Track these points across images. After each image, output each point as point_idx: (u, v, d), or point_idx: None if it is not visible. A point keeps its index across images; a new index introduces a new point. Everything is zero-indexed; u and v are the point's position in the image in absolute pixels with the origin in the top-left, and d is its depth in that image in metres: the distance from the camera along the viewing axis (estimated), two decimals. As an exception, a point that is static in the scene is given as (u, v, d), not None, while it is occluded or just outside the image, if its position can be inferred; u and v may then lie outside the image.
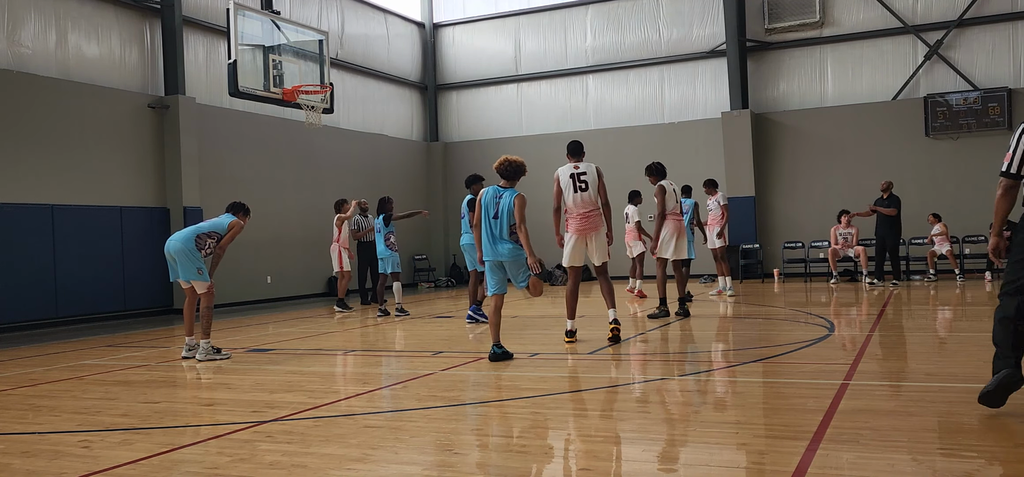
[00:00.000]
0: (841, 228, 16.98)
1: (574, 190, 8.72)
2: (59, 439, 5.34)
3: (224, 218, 9.12)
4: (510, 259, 7.87)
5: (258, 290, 17.43)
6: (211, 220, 9.21)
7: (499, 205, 7.89)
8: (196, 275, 8.74)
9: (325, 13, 19.98)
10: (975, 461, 4.13)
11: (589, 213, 8.71)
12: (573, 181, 8.74)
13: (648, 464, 4.44)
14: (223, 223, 9.02)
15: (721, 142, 20.08)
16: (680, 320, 10.96)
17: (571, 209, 8.75)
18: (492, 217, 7.89)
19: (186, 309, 9.03)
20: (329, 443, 4.98)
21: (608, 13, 21.82)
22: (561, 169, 8.82)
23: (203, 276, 8.79)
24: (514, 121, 22.97)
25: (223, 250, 9.03)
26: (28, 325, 13.35)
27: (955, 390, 5.95)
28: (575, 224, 8.74)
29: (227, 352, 9.08)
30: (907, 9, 19.02)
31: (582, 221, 8.71)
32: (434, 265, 23.04)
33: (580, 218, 8.72)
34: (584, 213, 8.72)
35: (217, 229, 8.97)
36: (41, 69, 14.11)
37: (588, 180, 8.73)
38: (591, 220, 8.70)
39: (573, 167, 8.83)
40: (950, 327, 10.11)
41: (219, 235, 8.95)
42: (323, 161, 19.52)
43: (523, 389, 6.60)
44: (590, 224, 8.69)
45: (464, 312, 12.46)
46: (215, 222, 9.08)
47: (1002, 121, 17.91)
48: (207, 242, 8.87)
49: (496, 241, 7.86)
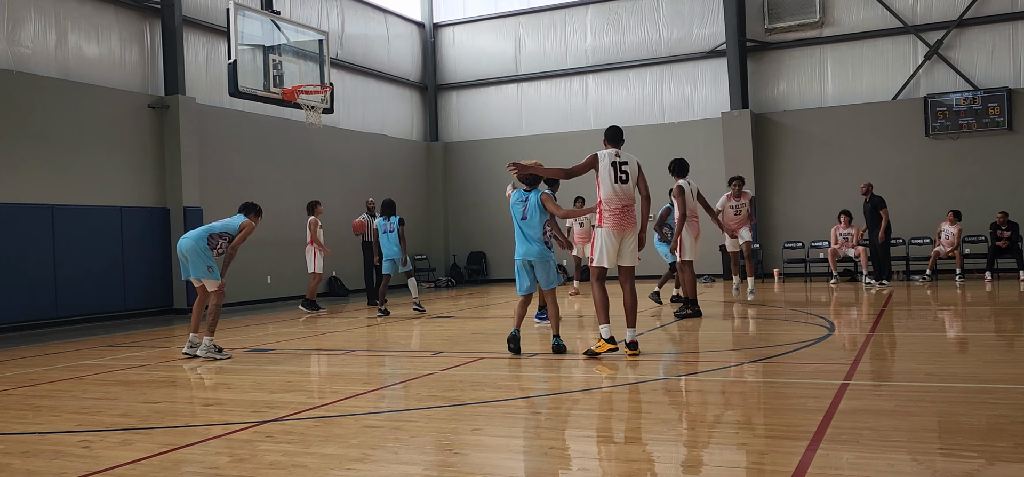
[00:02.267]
0: (841, 228, 16.98)
1: (615, 179, 7.77)
2: (59, 439, 5.34)
3: (236, 219, 9.22)
4: (539, 260, 8.19)
5: (258, 290, 17.43)
6: (223, 220, 9.29)
7: (526, 207, 8.23)
8: (206, 273, 8.83)
9: (325, 13, 19.98)
10: (975, 461, 4.13)
11: (628, 207, 7.84)
12: (614, 169, 7.79)
13: (648, 464, 4.44)
14: (235, 224, 9.12)
15: (721, 142, 20.07)
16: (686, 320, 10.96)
17: (610, 200, 7.76)
18: (520, 219, 8.25)
19: (195, 307, 9.08)
20: (329, 443, 4.98)
21: (608, 13, 21.82)
22: (601, 151, 7.91)
23: (214, 275, 8.87)
24: (514, 121, 22.97)
25: (235, 250, 9.14)
26: (28, 325, 13.35)
27: (955, 390, 5.95)
28: (613, 218, 7.77)
29: (228, 353, 9.08)
30: (907, 9, 19.02)
31: (622, 216, 7.78)
32: (434, 265, 23.03)
33: (619, 212, 7.78)
34: (624, 206, 7.81)
35: (228, 229, 9.08)
36: (41, 69, 14.10)
37: (629, 172, 7.86)
38: (630, 216, 7.84)
39: (614, 154, 7.89)
40: (950, 327, 10.11)
41: (231, 235, 9.04)
42: (323, 161, 19.52)
43: (523, 389, 6.61)
44: (629, 220, 7.82)
45: (465, 311, 12.45)
46: (227, 222, 9.18)
47: (1002, 121, 17.92)
48: (219, 242, 8.99)
49: (528, 241, 8.21)
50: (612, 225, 7.75)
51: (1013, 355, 7.72)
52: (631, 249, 7.86)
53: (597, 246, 7.83)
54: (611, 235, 7.77)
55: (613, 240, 7.77)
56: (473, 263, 23.28)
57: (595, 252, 7.85)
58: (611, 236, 7.77)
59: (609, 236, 7.78)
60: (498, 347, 9.03)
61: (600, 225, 7.81)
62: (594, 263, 7.84)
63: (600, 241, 7.81)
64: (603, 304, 7.80)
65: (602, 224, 7.79)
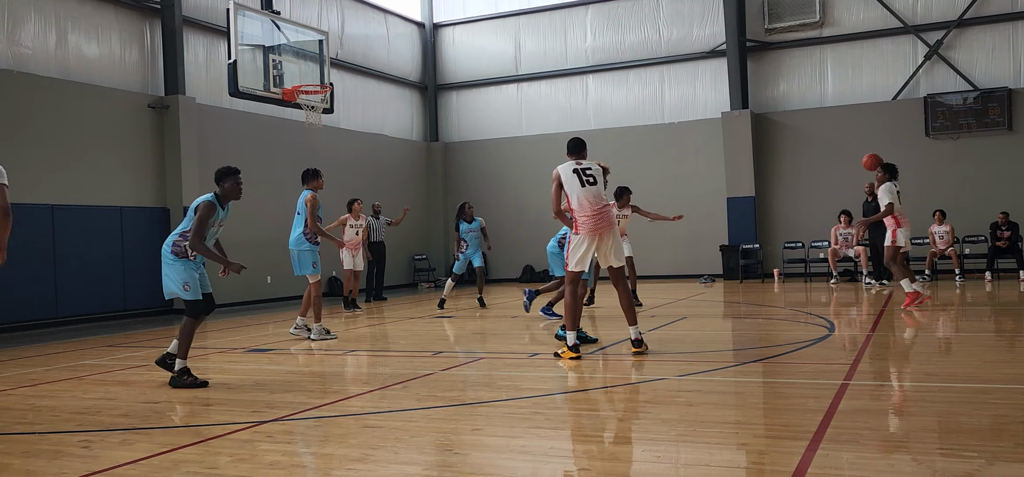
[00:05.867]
0: (841, 228, 16.98)
1: (581, 184, 7.80)
2: (59, 439, 5.34)
3: (300, 200, 10.26)
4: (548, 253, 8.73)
5: (258, 290, 17.42)
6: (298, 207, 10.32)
7: None
8: (311, 269, 10.16)
9: (325, 13, 19.98)
10: (975, 461, 4.13)
11: (602, 209, 7.83)
12: (577, 175, 7.85)
13: (648, 464, 4.44)
14: (301, 205, 10.21)
15: (721, 142, 20.09)
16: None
17: (582, 206, 7.79)
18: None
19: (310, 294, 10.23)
20: (329, 443, 4.97)
21: (608, 13, 21.82)
22: (560, 166, 7.98)
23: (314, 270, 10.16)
24: (514, 121, 22.97)
25: (317, 227, 10.17)
26: (28, 325, 13.35)
27: (955, 390, 5.95)
28: (589, 224, 7.79)
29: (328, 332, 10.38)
30: (907, 9, 19.02)
31: (596, 219, 7.76)
32: (434, 265, 23.03)
33: (593, 216, 7.77)
34: (597, 210, 7.79)
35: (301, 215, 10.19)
36: (41, 69, 14.10)
37: (594, 174, 7.92)
38: (606, 217, 7.82)
39: (575, 163, 7.99)
40: (950, 327, 10.11)
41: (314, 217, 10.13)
42: (323, 161, 19.41)
43: (523, 389, 6.60)
44: (605, 221, 7.81)
45: (465, 311, 12.45)
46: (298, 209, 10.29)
47: (1002, 121, 17.92)
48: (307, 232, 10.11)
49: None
50: (589, 230, 7.76)
51: (1013, 355, 7.72)
52: (616, 247, 7.86)
53: (572, 252, 7.86)
54: (587, 240, 7.78)
55: (590, 245, 7.79)
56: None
57: (570, 257, 7.88)
58: (587, 241, 7.78)
59: (584, 242, 7.79)
60: (498, 347, 9.04)
61: (576, 232, 7.84)
62: (570, 267, 7.87)
63: (576, 247, 7.83)
64: (574, 310, 7.87)
65: (578, 231, 7.82)
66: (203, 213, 7.04)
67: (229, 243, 9.01)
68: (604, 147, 20.24)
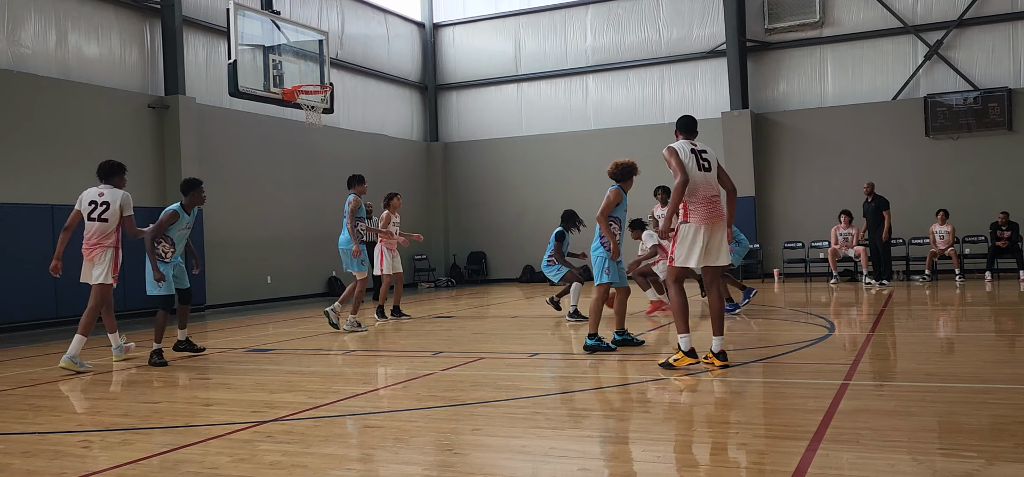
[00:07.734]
0: (841, 228, 16.98)
1: (698, 168, 6.86)
2: (59, 439, 5.34)
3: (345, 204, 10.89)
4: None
5: (258, 290, 17.41)
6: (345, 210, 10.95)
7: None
8: (358, 266, 10.94)
9: (325, 13, 19.98)
10: (975, 461, 4.13)
11: (716, 197, 6.94)
12: (695, 157, 6.91)
13: (648, 464, 4.44)
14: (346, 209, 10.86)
15: (721, 142, 20.07)
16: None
17: (695, 192, 6.82)
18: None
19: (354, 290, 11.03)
20: (329, 443, 4.97)
21: (608, 13, 21.82)
22: (675, 143, 7.03)
23: (361, 266, 10.97)
24: (514, 121, 22.97)
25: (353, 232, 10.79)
26: (28, 325, 13.35)
27: (955, 390, 5.95)
28: (701, 210, 6.80)
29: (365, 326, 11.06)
30: (907, 9, 19.02)
31: (711, 207, 6.84)
32: (434, 265, 23.03)
33: (705, 203, 6.83)
34: (712, 196, 6.90)
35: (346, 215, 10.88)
36: (41, 69, 14.10)
37: (710, 160, 7.02)
38: (718, 207, 6.92)
39: (691, 144, 7.06)
40: (950, 327, 10.11)
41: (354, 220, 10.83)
42: (323, 161, 19.52)
43: (523, 389, 6.60)
44: (718, 212, 6.89)
45: (465, 311, 12.43)
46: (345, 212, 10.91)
47: (1002, 121, 17.91)
48: (354, 231, 10.76)
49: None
50: (702, 218, 6.79)
51: (1013, 355, 7.72)
52: (722, 245, 6.92)
53: (680, 243, 6.87)
54: (697, 230, 6.81)
55: (701, 236, 6.80)
56: (473, 263, 23.28)
57: (677, 250, 6.89)
58: (697, 231, 6.81)
59: (696, 232, 6.81)
60: (498, 347, 9.04)
61: (685, 220, 6.85)
62: (675, 263, 6.93)
63: (683, 238, 6.85)
64: (683, 310, 6.97)
65: (687, 219, 6.84)
66: (163, 218, 8.67)
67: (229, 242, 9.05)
68: (604, 148, 20.24)
